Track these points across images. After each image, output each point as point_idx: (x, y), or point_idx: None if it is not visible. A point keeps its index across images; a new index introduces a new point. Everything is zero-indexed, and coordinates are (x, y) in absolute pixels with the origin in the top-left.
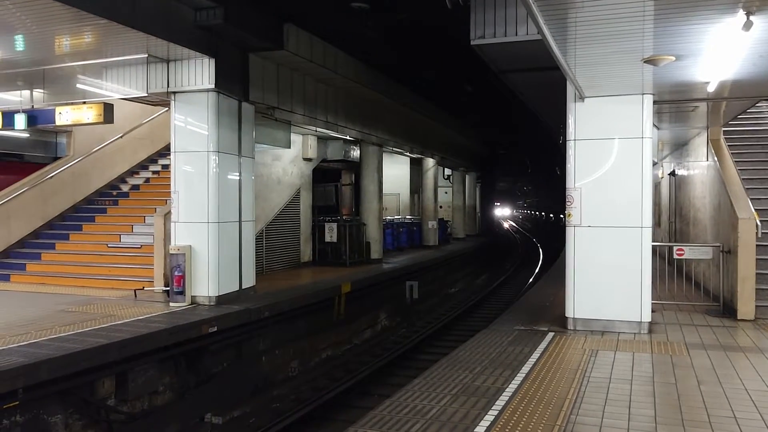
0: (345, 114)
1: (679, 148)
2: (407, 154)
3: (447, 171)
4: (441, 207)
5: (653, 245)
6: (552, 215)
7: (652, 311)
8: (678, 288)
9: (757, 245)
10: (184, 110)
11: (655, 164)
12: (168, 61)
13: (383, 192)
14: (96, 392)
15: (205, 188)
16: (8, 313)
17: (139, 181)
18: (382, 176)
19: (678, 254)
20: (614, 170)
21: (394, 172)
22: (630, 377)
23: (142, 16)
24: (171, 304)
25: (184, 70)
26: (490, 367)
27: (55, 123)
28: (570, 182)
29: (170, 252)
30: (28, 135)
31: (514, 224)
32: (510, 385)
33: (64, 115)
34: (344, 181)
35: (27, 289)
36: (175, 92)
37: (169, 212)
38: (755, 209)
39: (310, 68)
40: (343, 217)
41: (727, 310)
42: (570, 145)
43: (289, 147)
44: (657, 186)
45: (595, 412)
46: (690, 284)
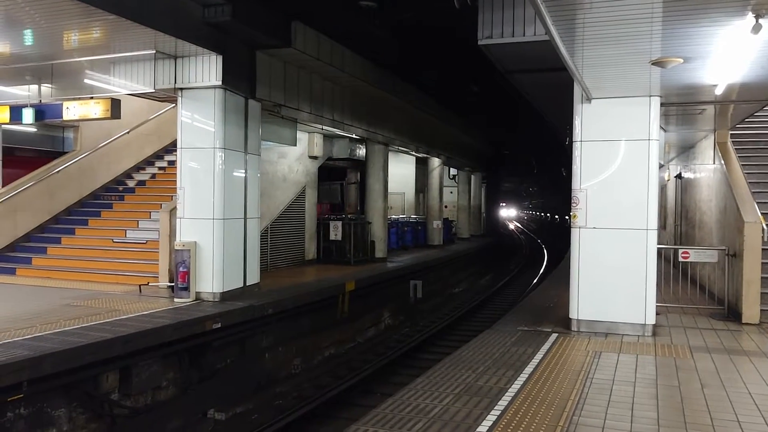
0: (351, 112)
1: (685, 150)
2: (413, 153)
3: (452, 171)
4: (446, 207)
5: (658, 248)
6: (557, 216)
7: (657, 314)
8: (683, 291)
9: (762, 249)
10: (190, 107)
11: (661, 167)
12: (175, 58)
13: (388, 191)
14: (100, 386)
15: (211, 185)
16: (14, 306)
17: (145, 177)
18: (387, 175)
19: (683, 257)
20: (620, 172)
21: (400, 171)
22: (633, 379)
23: (151, 12)
24: (175, 299)
25: (192, 66)
26: (493, 367)
27: (62, 118)
28: (576, 183)
29: (175, 248)
30: (36, 129)
31: (519, 225)
32: (513, 386)
33: (72, 110)
34: (350, 179)
35: (32, 283)
36: (182, 88)
37: (175, 208)
38: (761, 213)
39: (317, 66)
40: (348, 216)
41: (732, 313)
42: (576, 146)
43: (295, 145)
44: (663, 188)
45: (597, 414)
46: (695, 287)
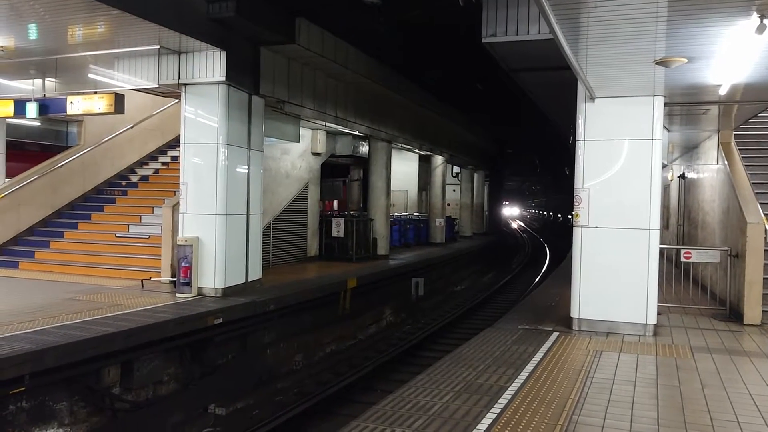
0: (355, 109)
1: (689, 150)
2: (416, 150)
3: (455, 169)
4: (449, 205)
5: (661, 248)
6: (560, 215)
7: (658, 314)
8: (684, 291)
9: (765, 250)
10: (194, 102)
11: (664, 167)
12: (179, 53)
13: (391, 188)
14: (101, 380)
15: (214, 180)
16: (16, 300)
17: (149, 172)
18: (390, 172)
19: (685, 257)
20: (623, 171)
21: (403, 168)
22: (634, 379)
23: (155, 7)
24: (177, 294)
25: (196, 62)
26: (494, 366)
27: (66, 112)
28: (578, 182)
29: (178, 243)
30: (40, 124)
31: (521, 223)
32: (513, 384)
33: (76, 105)
34: (352, 176)
35: (35, 276)
36: (185, 84)
37: (178, 203)
38: (764, 214)
39: (321, 63)
40: (351, 213)
41: (734, 314)
42: (579, 145)
43: (298, 141)
44: (666, 188)
45: (597, 413)
46: (697, 288)
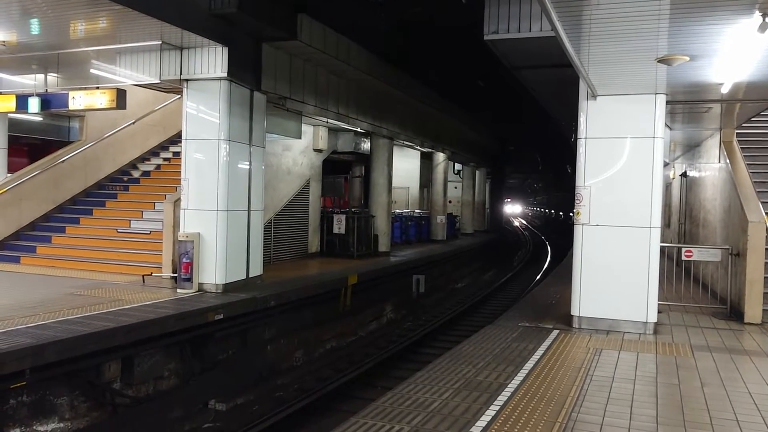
0: (356, 106)
1: (691, 149)
2: (418, 147)
3: (457, 166)
4: (450, 202)
5: (661, 246)
6: (561, 213)
7: (659, 312)
8: (685, 290)
9: (766, 248)
10: (196, 98)
11: (666, 165)
12: (181, 49)
13: (393, 185)
14: (102, 375)
15: (215, 176)
16: (17, 294)
17: (150, 168)
18: (392, 169)
19: (686, 256)
20: (625, 169)
21: (405, 165)
22: (633, 377)
23: (157, 2)
24: (178, 290)
25: (197, 57)
26: (494, 363)
27: (68, 107)
28: (580, 180)
29: (179, 239)
30: (42, 119)
31: (523, 221)
32: (513, 381)
33: (78, 100)
34: (354, 173)
35: (36, 271)
36: (187, 80)
37: (179, 199)
38: (766, 212)
39: (323, 59)
40: (352, 209)
41: (734, 313)
42: (581, 143)
43: (300, 138)
44: (668, 187)
45: (596, 411)
46: (697, 286)
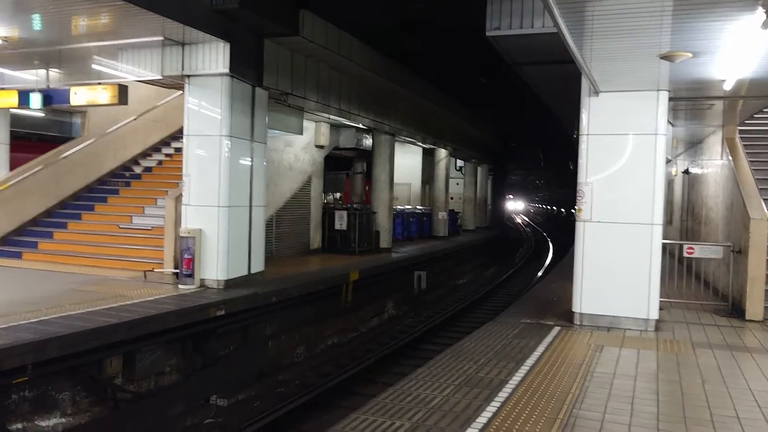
0: (358, 102)
1: (693, 146)
2: (420, 144)
3: (459, 162)
4: (452, 198)
5: (663, 243)
6: (563, 210)
7: (660, 309)
8: (687, 286)
9: None
10: (197, 94)
11: (668, 162)
12: (183, 45)
13: (394, 181)
14: (104, 371)
15: (217, 172)
16: (19, 290)
17: (152, 164)
18: (393, 166)
19: (688, 253)
20: (627, 166)
21: (406, 161)
22: (634, 374)
23: None
24: (180, 286)
25: (199, 53)
26: (495, 359)
27: (69, 103)
28: (581, 177)
29: (180, 235)
30: (44, 114)
31: (525, 218)
32: (514, 378)
33: (79, 96)
34: (356, 169)
35: (38, 267)
36: (189, 75)
37: (181, 195)
38: None
39: (325, 55)
40: (354, 206)
41: (736, 310)
42: (583, 139)
43: (302, 134)
44: (670, 184)
45: (597, 407)
46: (699, 283)
